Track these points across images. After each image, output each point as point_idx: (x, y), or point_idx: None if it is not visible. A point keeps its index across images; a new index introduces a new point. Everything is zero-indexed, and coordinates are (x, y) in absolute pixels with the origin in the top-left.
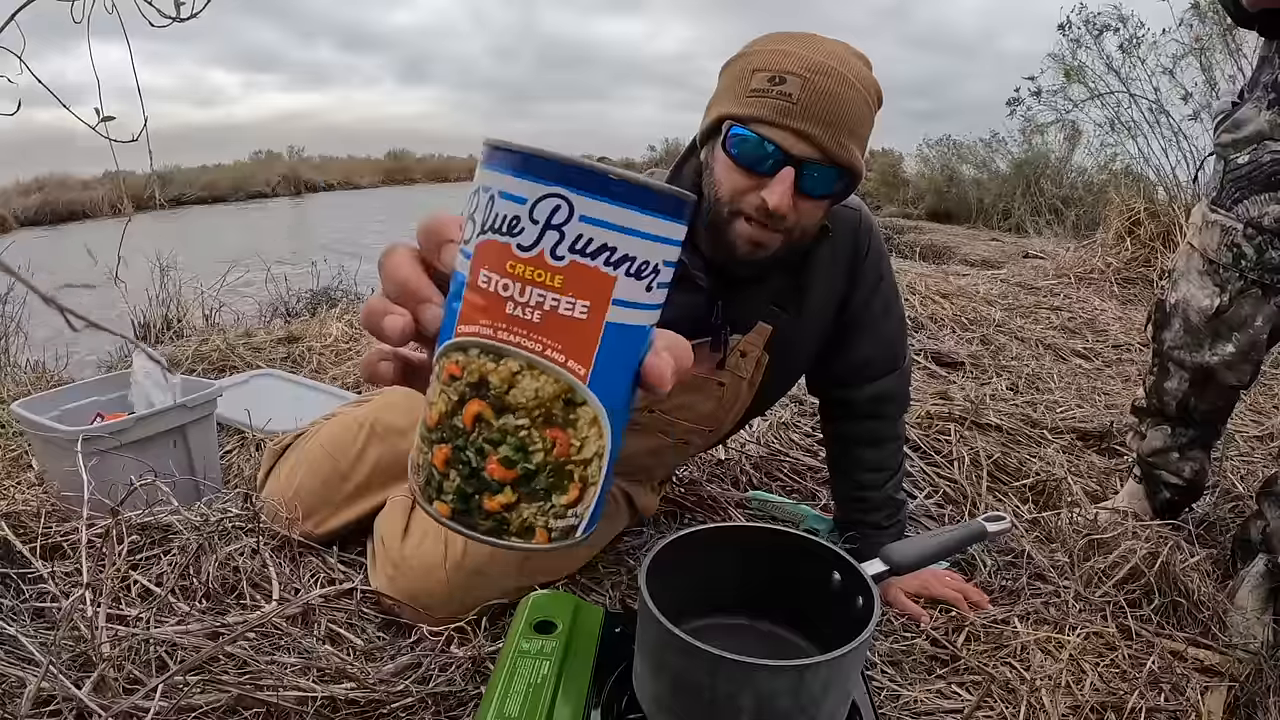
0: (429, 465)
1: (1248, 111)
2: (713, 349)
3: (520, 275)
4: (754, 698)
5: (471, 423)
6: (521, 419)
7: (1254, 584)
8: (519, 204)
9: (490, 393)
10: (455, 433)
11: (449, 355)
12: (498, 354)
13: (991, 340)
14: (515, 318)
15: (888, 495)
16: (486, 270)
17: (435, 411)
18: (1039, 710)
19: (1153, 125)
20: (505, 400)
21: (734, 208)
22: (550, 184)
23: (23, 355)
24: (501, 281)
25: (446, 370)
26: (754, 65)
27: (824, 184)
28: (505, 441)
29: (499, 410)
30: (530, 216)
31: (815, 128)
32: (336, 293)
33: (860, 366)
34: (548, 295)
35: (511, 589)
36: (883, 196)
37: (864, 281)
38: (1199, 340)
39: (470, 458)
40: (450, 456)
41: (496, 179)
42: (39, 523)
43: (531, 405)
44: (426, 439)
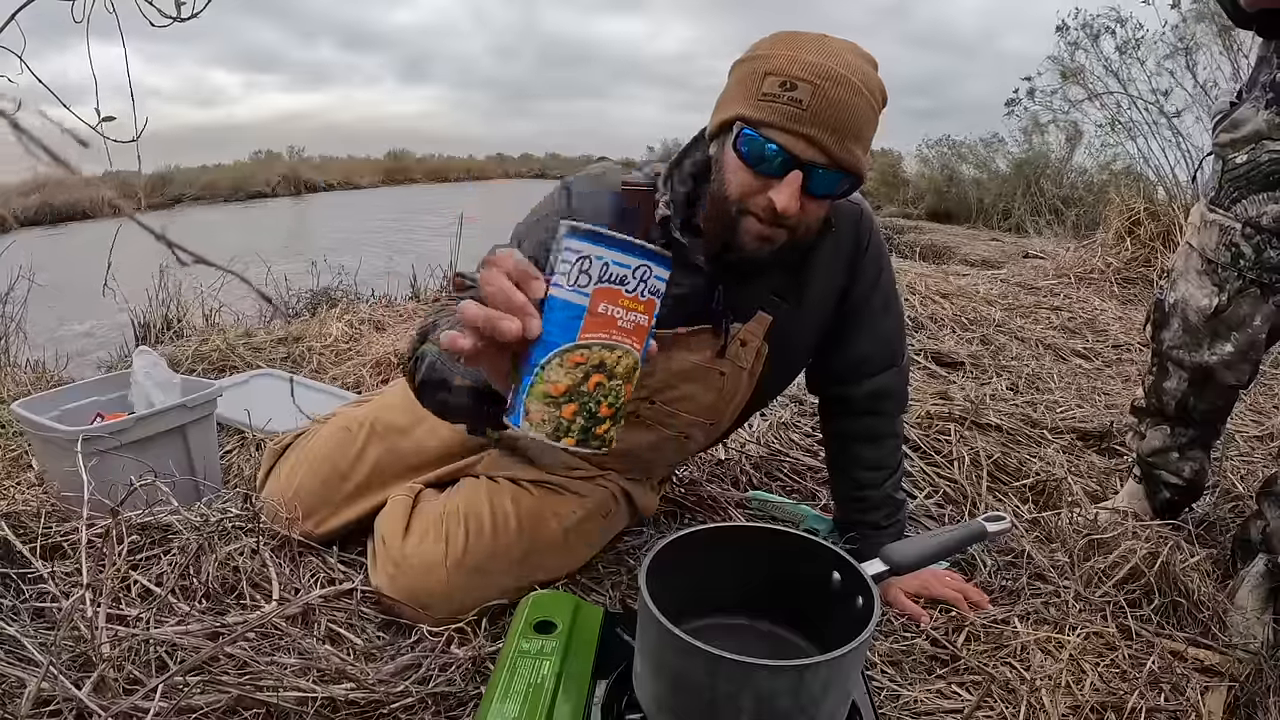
0: (557, 418)
1: (1245, 111)
2: (714, 335)
3: (625, 305)
4: (754, 698)
5: (594, 387)
6: (619, 381)
7: (1254, 584)
8: (625, 268)
9: (606, 368)
10: (581, 395)
11: (573, 351)
12: (611, 348)
13: (991, 340)
14: (620, 328)
15: (887, 494)
16: (605, 303)
17: (562, 386)
18: (1039, 710)
19: (1152, 126)
20: (614, 372)
21: (742, 206)
22: (642, 259)
23: (23, 355)
24: (614, 309)
25: (571, 360)
26: (767, 69)
27: (829, 185)
28: (611, 394)
29: (610, 378)
30: (632, 275)
31: (823, 134)
32: (336, 293)
33: (858, 362)
34: (636, 314)
35: (511, 588)
36: (883, 196)
37: (864, 276)
38: (1198, 340)
39: (591, 408)
40: (578, 409)
41: (606, 253)
42: (39, 523)
43: (624, 374)
44: (554, 402)
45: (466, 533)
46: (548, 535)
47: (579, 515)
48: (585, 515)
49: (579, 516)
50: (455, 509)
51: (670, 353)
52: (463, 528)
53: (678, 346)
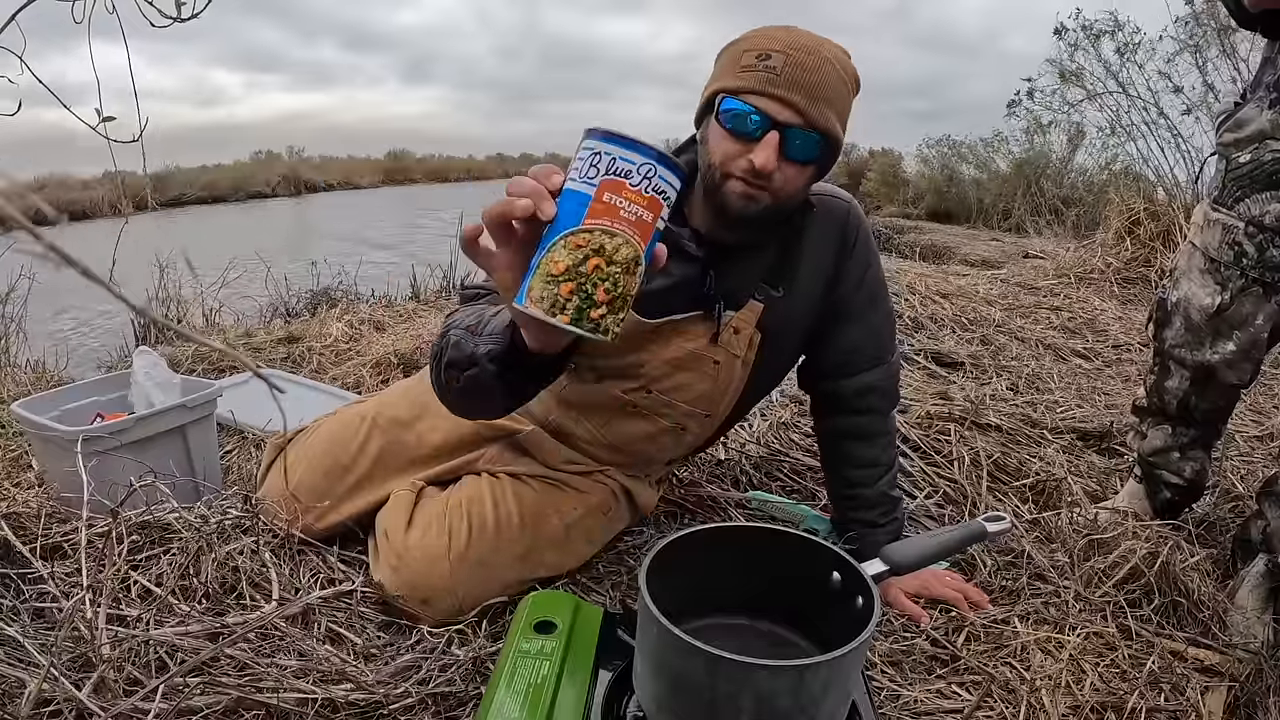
0: (555, 294)
1: (1249, 111)
2: (707, 321)
3: (628, 197)
4: (754, 698)
5: (592, 269)
6: (618, 269)
7: (1254, 584)
8: (630, 164)
9: (605, 253)
10: (579, 275)
11: (575, 234)
12: (612, 234)
13: (991, 340)
14: (622, 218)
15: (881, 492)
16: (609, 193)
17: (562, 264)
18: (1039, 710)
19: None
20: (613, 257)
21: (725, 170)
22: (647, 157)
23: (23, 355)
24: (618, 199)
25: (574, 242)
26: (744, 47)
27: (806, 149)
28: (609, 279)
29: (609, 263)
30: (637, 170)
31: (796, 95)
32: (336, 293)
33: (847, 358)
34: (639, 208)
35: (513, 582)
36: (883, 196)
37: (851, 271)
38: (1200, 339)
39: (588, 289)
40: (574, 288)
41: (615, 149)
42: (39, 523)
43: (624, 261)
44: (553, 280)
45: (470, 527)
46: (549, 531)
47: (580, 511)
48: (586, 511)
49: (580, 513)
50: (458, 503)
51: (664, 340)
52: (466, 522)
53: (672, 334)
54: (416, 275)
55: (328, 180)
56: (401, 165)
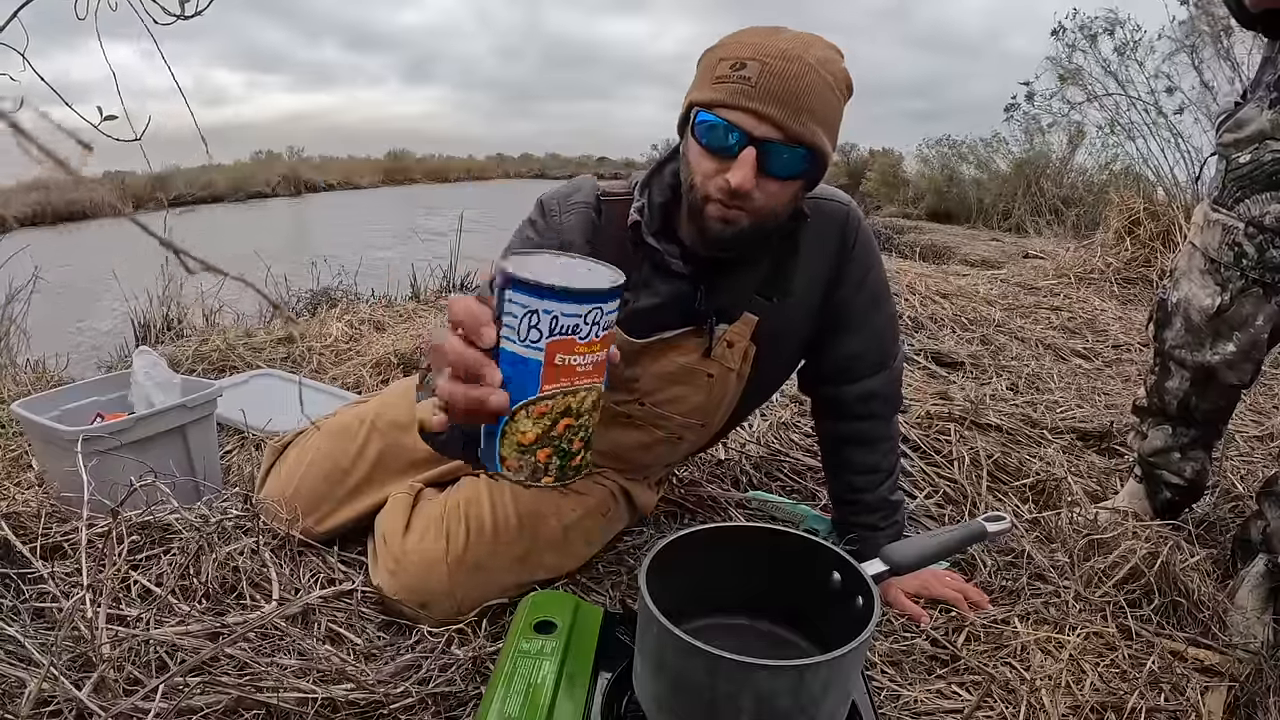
0: (533, 463)
1: (1249, 111)
2: (697, 333)
3: (581, 352)
4: (754, 698)
5: (563, 430)
6: (586, 417)
7: (1254, 584)
8: (575, 317)
9: (572, 412)
10: (551, 439)
11: (536, 404)
12: (574, 393)
13: (991, 340)
14: (580, 372)
15: (882, 497)
16: (561, 354)
17: (531, 435)
18: (1039, 710)
19: (1151, 126)
20: (580, 410)
21: (703, 191)
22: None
23: (23, 355)
24: (571, 358)
25: (536, 411)
26: (720, 55)
27: (789, 165)
28: (581, 429)
29: (577, 416)
30: (584, 321)
31: (772, 107)
32: (336, 293)
33: (848, 364)
34: (593, 354)
35: (511, 585)
36: (883, 196)
37: (850, 275)
38: (1200, 339)
39: (564, 447)
40: (551, 452)
41: (554, 305)
42: (39, 523)
43: (591, 408)
44: (527, 450)
45: (467, 530)
46: (548, 533)
47: (578, 513)
48: (585, 513)
49: (579, 514)
50: (456, 506)
51: (656, 355)
52: (463, 525)
53: (664, 349)
54: (416, 275)
55: (328, 180)
56: (401, 165)
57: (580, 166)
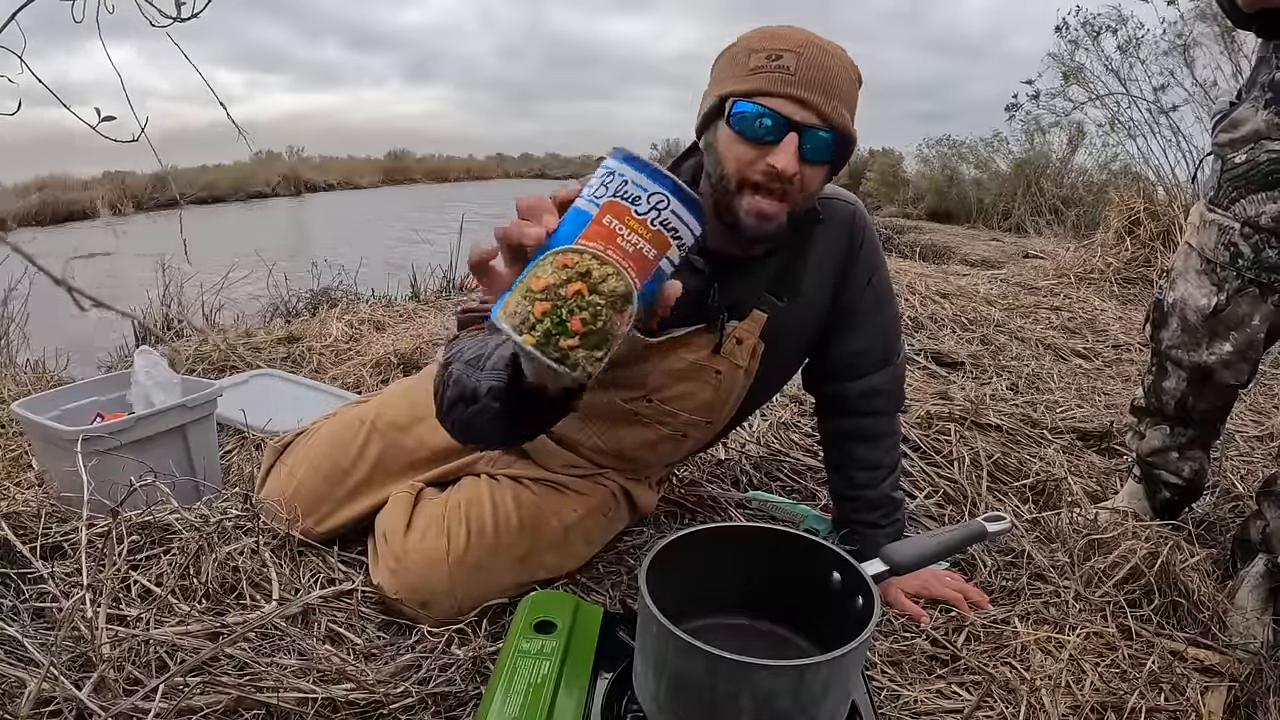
0: (527, 311)
1: (1245, 111)
2: (708, 330)
3: (629, 225)
4: (754, 698)
5: (572, 294)
6: (602, 301)
7: (1254, 584)
8: (641, 189)
9: (590, 280)
10: (557, 296)
11: (565, 253)
12: (602, 261)
13: (991, 340)
14: (619, 246)
15: (884, 494)
16: (610, 216)
17: (543, 282)
18: (1039, 710)
19: (1152, 126)
20: (598, 287)
21: (741, 178)
22: (661, 187)
23: (23, 355)
24: (618, 224)
25: (560, 261)
26: (750, 47)
27: (823, 150)
28: (588, 310)
29: (591, 291)
30: (646, 199)
31: (814, 95)
32: (336, 293)
33: (852, 361)
34: (640, 240)
35: (512, 585)
36: (883, 196)
37: (858, 275)
38: (1197, 339)
39: (563, 314)
40: (549, 310)
41: (629, 172)
42: (39, 523)
43: (609, 294)
44: (530, 296)
45: (468, 530)
46: (548, 533)
47: (579, 513)
48: (585, 513)
49: (579, 514)
50: (457, 506)
51: (666, 351)
52: (464, 525)
53: (674, 345)
54: (416, 275)
55: (328, 180)
56: (401, 165)
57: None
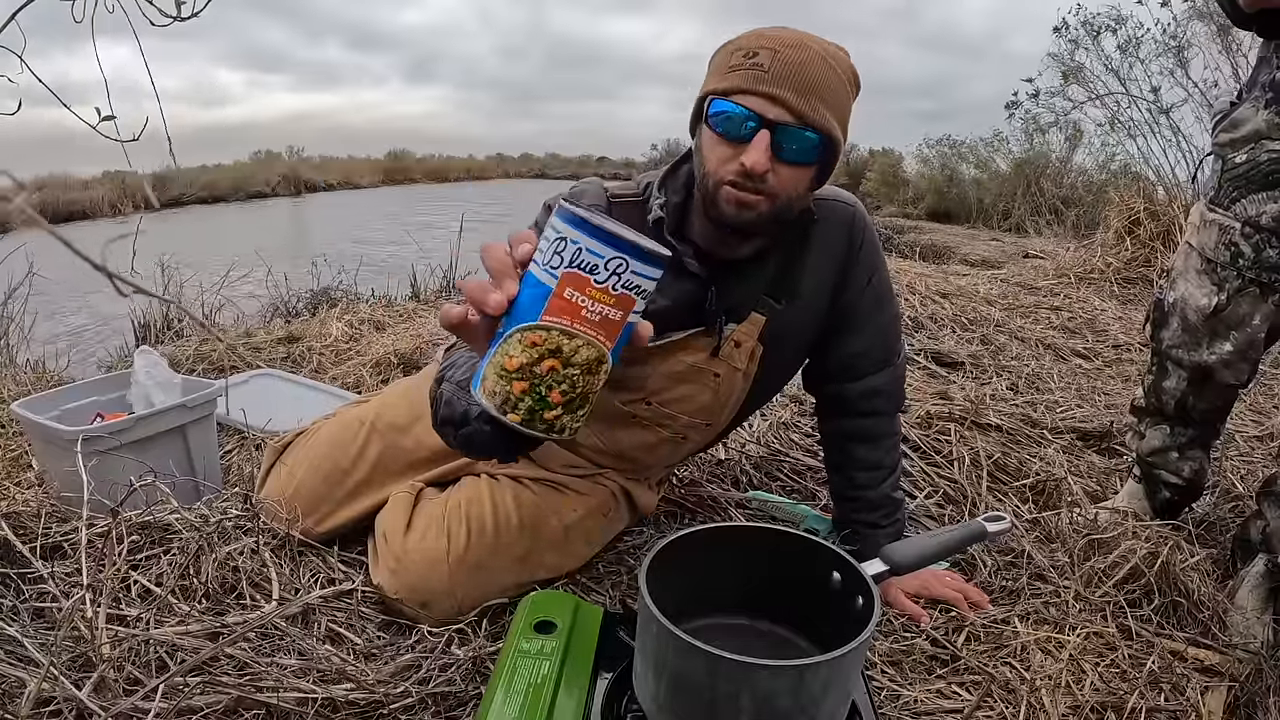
0: (507, 391)
1: (1245, 111)
2: (707, 335)
3: (592, 296)
4: (754, 698)
5: (546, 371)
6: (576, 371)
7: (1254, 584)
8: (598, 257)
9: (562, 356)
10: (533, 375)
11: (533, 330)
12: (570, 336)
13: (991, 340)
14: (584, 318)
15: (885, 494)
16: (570, 289)
17: (515, 361)
18: (1039, 710)
19: (1152, 126)
20: (571, 360)
21: (718, 177)
22: (619, 251)
23: (23, 355)
24: (579, 296)
25: (529, 339)
26: (732, 48)
27: (801, 151)
28: (565, 381)
29: (565, 365)
30: (604, 266)
31: (785, 91)
32: (336, 293)
33: (852, 362)
34: (605, 308)
35: (512, 585)
36: (883, 196)
37: (857, 275)
38: (1197, 339)
39: (541, 390)
40: (527, 389)
41: (581, 239)
42: (39, 523)
43: (584, 364)
44: (506, 376)
45: (468, 530)
46: (548, 533)
47: (579, 513)
48: (586, 513)
49: (579, 514)
50: (457, 506)
51: (665, 355)
52: (464, 525)
53: (673, 349)
54: (416, 275)
55: (327, 180)
56: (401, 165)
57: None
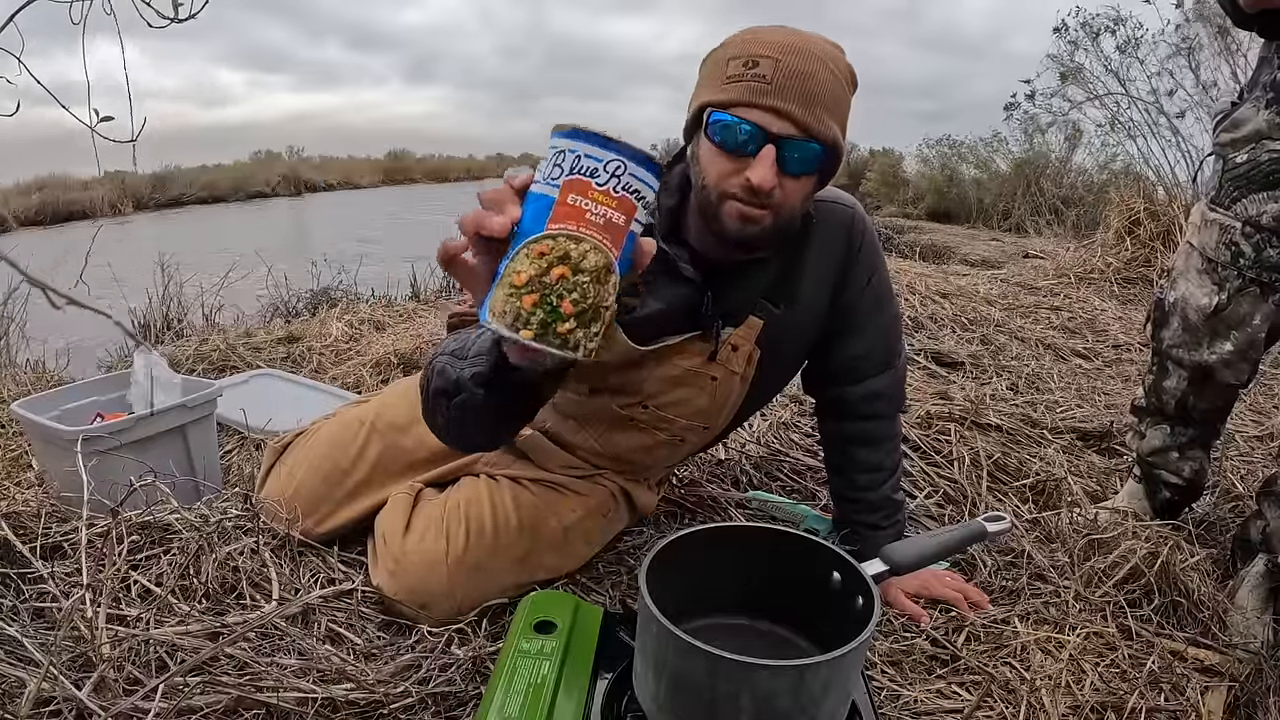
0: (517, 308)
1: (1246, 111)
2: (704, 340)
3: (594, 198)
4: (754, 698)
5: (556, 279)
6: (586, 278)
7: (1254, 584)
8: (596, 161)
9: (570, 261)
10: (543, 285)
11: (538, 241)
12: (577, 240)
13: (991, 340)
14: (589, 221)
15: (885, 496)
16: (573, 194)
17: (524, 275)
18: (1039, 710)
19: (1152, 126)
20: (580, 266)
21: (721, 190)
22: (616, 153)
23: (23, 355)
24: (583, 200)
25: (536, 250)
26: (729, 54)
27: (806, 162)
28: (576, 290)
29: (575, 271)
30: (604, 169)
31: (790, 104)
32: (336, 293)
33: (853, 364)
34: (608, 210)
35: (511, 586)
36: (883, 196)
37: (856, 278)
38: (1198, 339)
39: (553, 301)
40: (538, 300)
41: (580, 146)
42: (39, 523)
43: (593, 270)
44: (516, 292)
45: (467, 531)
46: (548, 534)
47: (579, 514)
48: (585, 514)
49: (579, 515)
50: (456, 506)
51: (661, 359)
52: (464, 526)
53: (669, 353)
54: (416, 275)
55: (327, 180)
56: (401, 165)
57: None
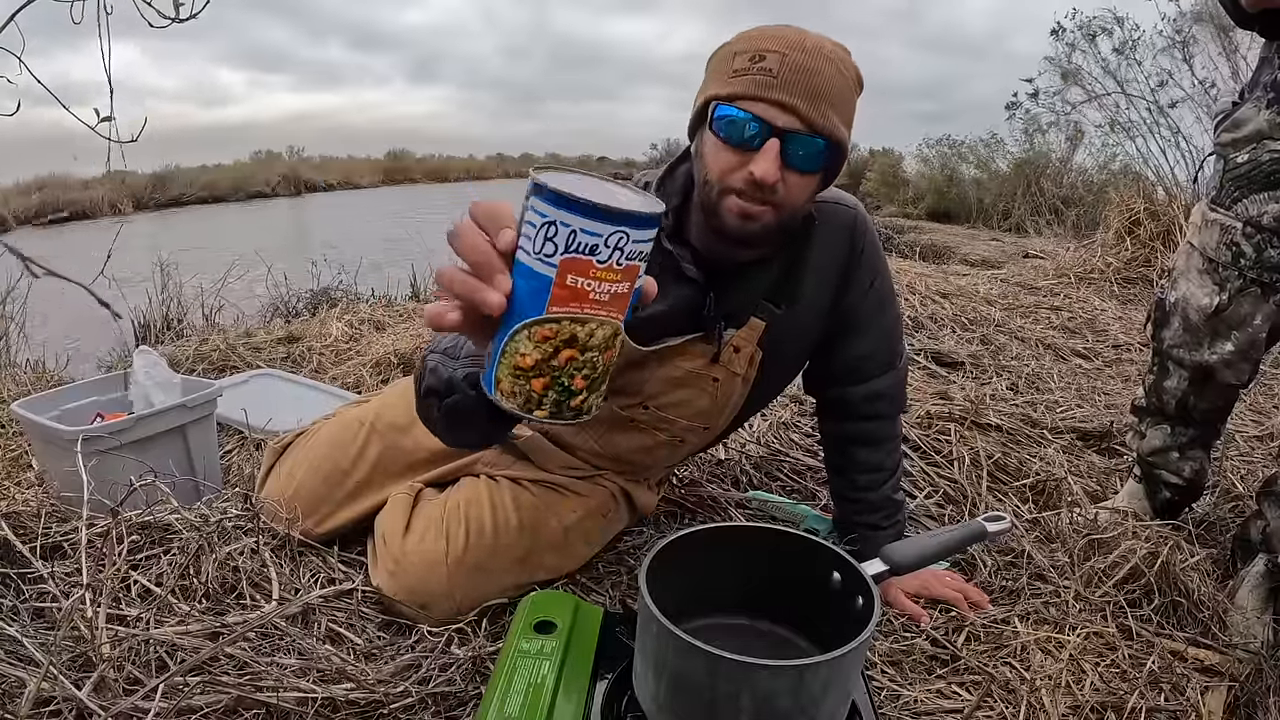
0: (527, 390)
1: (1247, 111)
2: (706, 341)
3: (598, 277)
4: (754, 698)
5: (565, 362)
6: (594, 353)
7: (1254, 584)
8: (595, 236)
9: (578, 343)
10: (551, 369)
11: (540, 325)
12: (582, 322)
13: (991, 340)
14: (594, 300)
15: (886, 496)
16: (572, 275)
17: (530, 359)
18: (1039, 710)
19: (1152, 126)
20: (588, 345)
21: (723, 185)
22: (616, 225)
23: (23, 355)
24: (585, 281)
25: (539, 334)
26: (735, 49)
27: (810, 157)
28: (586, 366)
29: (583, 350)
30: (604, 244)
31: (796, 98)
32: (336, 293)
33: (855, 365)
34: (613, 285)
35: (511, 586)
36: (883, 196)
37: (859, 279)
38: (1198, 339)
39: (564, 381)
40: (548, 383)
41: (574, 219)
42: (39, 523)
43: (601, 344)
44: (523, 374)
45: (467, 531)
46: (548, 534)
47: (579, 514)
48: (585, 514)
49: (579, 515)
50: (456, 507)
51: (662, 360)
52: (463, 526)
53: (671, 354)
54: (416, 275)
55: (327, 180)
56: (401, 165)
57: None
